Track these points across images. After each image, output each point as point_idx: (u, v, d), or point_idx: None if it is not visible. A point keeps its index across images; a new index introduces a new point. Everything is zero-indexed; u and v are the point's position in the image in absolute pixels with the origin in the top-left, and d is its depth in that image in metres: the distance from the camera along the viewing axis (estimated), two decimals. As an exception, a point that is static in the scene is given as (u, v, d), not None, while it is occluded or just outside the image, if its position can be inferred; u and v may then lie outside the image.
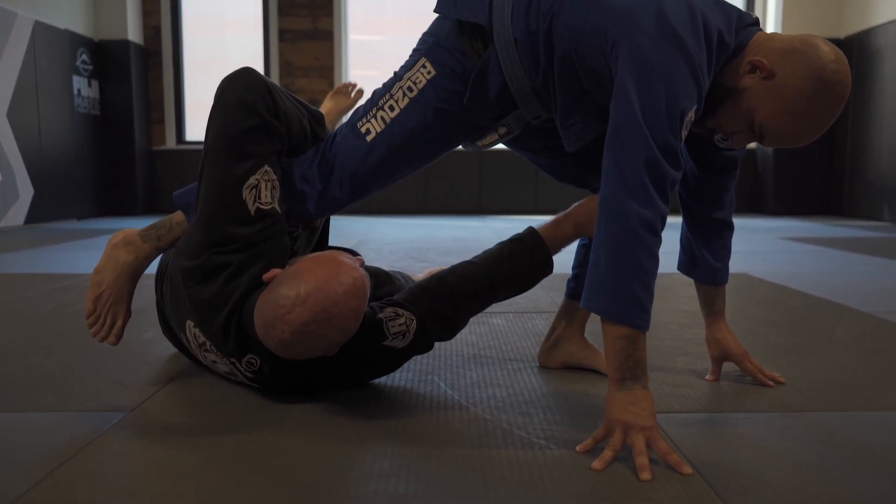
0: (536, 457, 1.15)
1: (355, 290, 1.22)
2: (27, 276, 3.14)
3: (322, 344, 1.23)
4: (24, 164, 5.91)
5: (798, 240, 4.74)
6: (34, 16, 6.06)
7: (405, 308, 1.40)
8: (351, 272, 1.24)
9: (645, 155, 1.15)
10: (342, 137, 1.47)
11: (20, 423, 1.31)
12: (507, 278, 1.46)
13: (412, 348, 1.42)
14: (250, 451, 1.16)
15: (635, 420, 1.13)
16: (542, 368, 1.66)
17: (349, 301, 1.21)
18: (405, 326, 1.38)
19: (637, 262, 1.16)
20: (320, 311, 1.19)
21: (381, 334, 1.38)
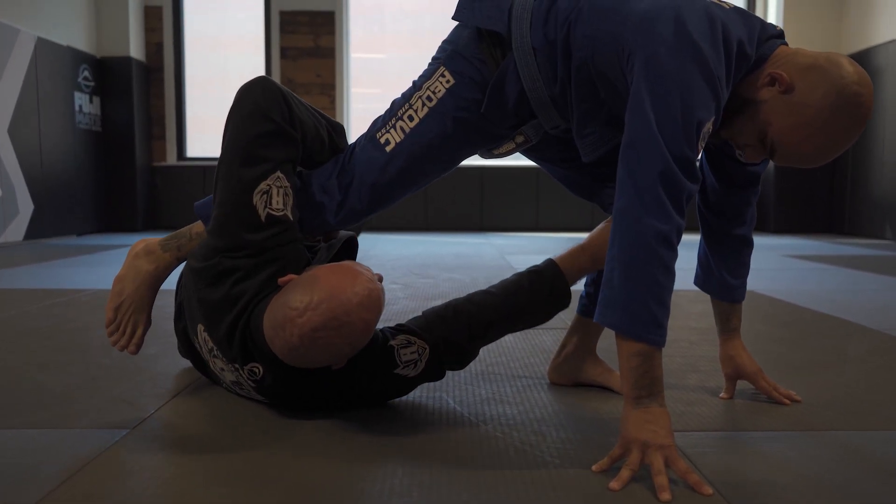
0: (551, 476, 1.11)
1: (369, 303, 1.20)
2: (27, 292, 3.11)
3: (329, 353, 1.20)
4: (25, 179, 5.89)
5: (801, 258, 4.72)
6: (36, 32, 6.07)
7: (419, 336, 1.37)
8: (367, 283, 1.21)
9: (660, 167, 1.13)
10: (361, 149, 1.46)
11: (20, 440, 1.27)
12: (523, 309, 1.43)
13: (423, 377, 1.40)
14: (257, 469, 1.13)
15: (653, 438, 1.10)
16: (552, 385, 1.63)
17: (361, 312, 1.19)
18: (417, 355, 1.36)
19: (652, 276, 1.13)
20: (331, 319, 1.16)
21: (391, 362, 1.35)
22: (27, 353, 1.94)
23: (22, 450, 1.23)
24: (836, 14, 7.06)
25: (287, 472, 1.12)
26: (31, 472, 1.12)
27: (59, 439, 1.27)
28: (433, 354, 1.37)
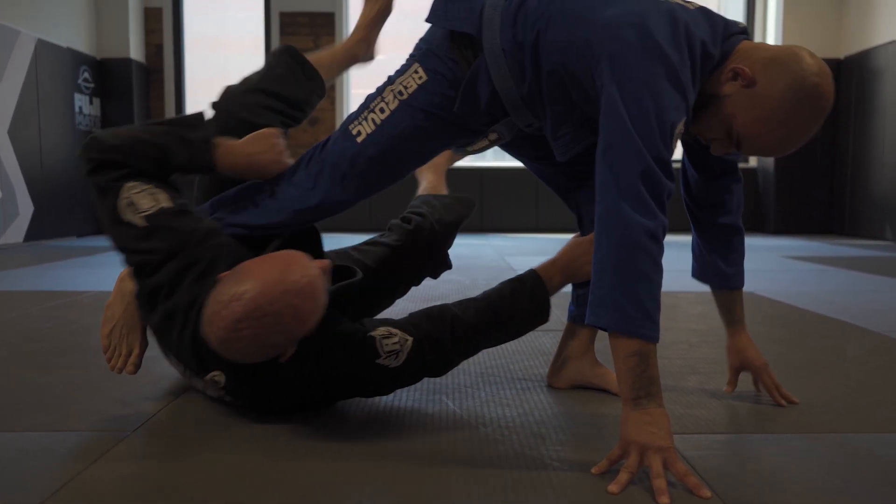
0: (551, 479, 1.12)
1: (297, 289, 1.16)
2: (28, 294, 3.11)
3: (259, 344, 1.16)
4: (25, 181, 5.89)
5: (801, 259, 4.72)
6: (37, 34, 6.07)
7: (401, 328, 1.37)
8: (299, 271, 1.19)
9: (641, 167, 1.15)
10: (333, 141, 1.47)
11: (21, 442, 1.27)
12: (506, 314, 1.46)
13: (406, 370, 1.36)
14: (256, 472, 1.13)
15: (652, 440, 1.10)
16: (551, 388, 1.64)
17: (289, 299, 1.15)
18: (399, 346, 1.34)
19: (641, 271, 1.14)
20: (254, 309, 1.13)
21: (373, 352, 1.33)
22: (28, 355, 1.94)
23: (23, 452, 1.23)
24: (835, 15, 7.06)
25: (287, 474, 1.13)
26: (32, 475, 1.12)
27: (60, 441, 1.28)
28: (415, 347, 1.35)
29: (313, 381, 1.34)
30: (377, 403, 1.50)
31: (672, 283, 3.45)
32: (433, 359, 1.39)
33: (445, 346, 1.39)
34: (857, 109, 6.78)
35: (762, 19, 7.41)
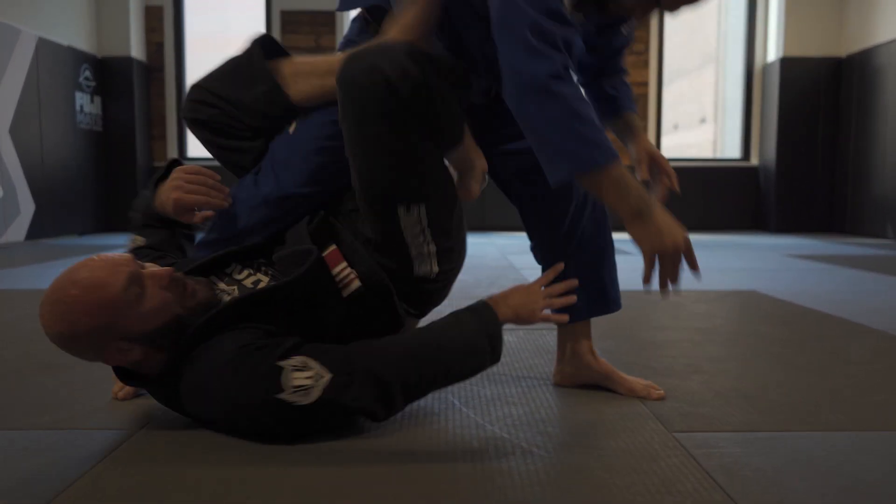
0: (559, 477, 1.11)
1: (75, 279, 1.19)
2: (30, 293, 3.11)
3: (59, 333, 1.21)
4: (26, 179, 5.89)
5: (803, 257, 4.72)
6: (38, 32, 6.07)
7: (321, 361, 1.21)
8: (93, 264, 1.21)
9: (527, 22, 1.18)
10: (278, 138, 1.51)
11: (26, 441, 1.27)
12: (457, 344, 1.30)
13: (319, 411, 1.19)
14: (265, 469, 1.13)
15: (674, 239, 1.23)
16: (556, 387, 1.63)
17: (68, 289, 1.19)
18: (312, 381, 1.18)
19: (569, 110, 1.18)
20: (49, 293, 1.21)
21: (274, 385, 1.17)
22: (31, 354, 1.94)
23: (29, 450, 1.23)
24: (837, 14, 7.05)
25: (294, 471, 1.12)
26: (40, 473, 1.12)
27: (67, 440, 1.27)
28: (333, 384, 1.19)
29: (209, 401, 1.25)
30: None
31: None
32: (367, 399, 1.22)
33: (381, 378, 1.22)
34: (858, 108, 6.77)
35: (763, 18, 7.41)
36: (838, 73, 7.05)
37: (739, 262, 4.36)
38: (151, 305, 1.22)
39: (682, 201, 7.75)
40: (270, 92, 1.46)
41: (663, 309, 2.65)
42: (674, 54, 7.80)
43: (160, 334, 1.25)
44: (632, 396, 1.54)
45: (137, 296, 1.21)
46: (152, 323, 1.23)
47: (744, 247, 5.59)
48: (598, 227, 1.59)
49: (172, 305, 1.25)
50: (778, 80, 7.09)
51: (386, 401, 1.24)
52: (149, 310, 1.22)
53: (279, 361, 1.19)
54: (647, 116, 7.58)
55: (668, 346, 2.04)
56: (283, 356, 1.20)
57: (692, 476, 1.11)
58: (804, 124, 7.13)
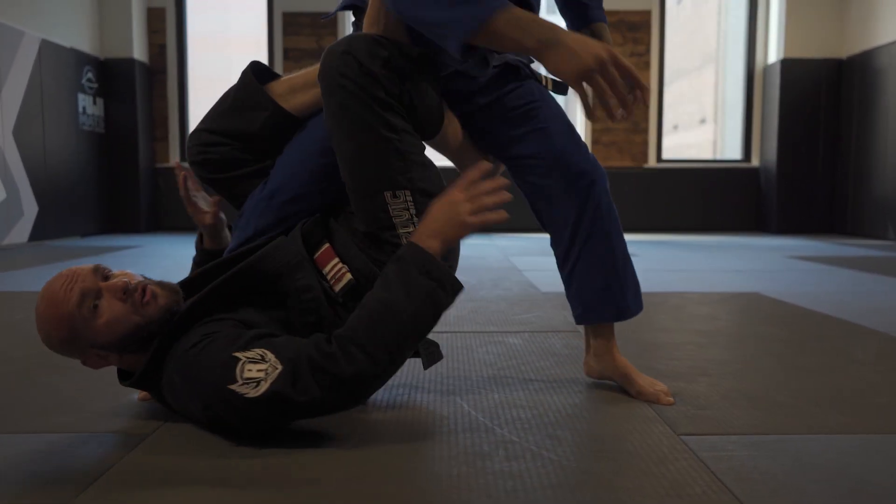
0: (569, 480, 1.13)
1: (42, 294, 1.33)
2: (35, 295, 3.11)
3: (43, 339, 1.35)
4: (29, 181, 5.91)
5: (805, 258, 4.74)
6: (41, 34, 6.09)
7: (278, 354, 1.20)
8: (54, 280, 1.33)
9: None
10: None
11: (43, 443, 1.29)
12: (402, 300, 1.25)
13: (261, 405, 1.18)
14: (279, 472, 1.14)
15: (596, 51, 1.22)
16: (563, 389, 1.65)
17: (38, 302, 1.34)
18: (263, 374, 1.18)
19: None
20: (36, 304, 1.35)
21: (229, 375, 1.19)
22: (40, 356, 1.94)
23: (45, 453, 1.24)
24: (838, 15, 7.07)
25: (308, 470, 1.13)
26: (60, 474, 1.14)
27: (83, 442, 1.29)
28: (283, 377, 1.17)
29: (179, 393, 1.28)
30: (391, 405, 1.51)
31: (677, 283, 3.48)
32: (315, 391, 1.18)
33: (338, 380, 1.18)
34: (859, 109, 6.79)
35: (764, 19, 7.42)
36: (839, 75, 7.07)
37: (741, 264, 4.38)
38: (107, 318, 1.30)
39: (683, 202, 7.80)
40: (273, 115, 1.53)
41: (666, 311, 2.66)
42: (673, 55, 7.81)
43: (126, 342, 1.32)
44: (642, 399, 1.55)
45: (91, 310, 1.29)
46: (115, 332, 1.30)
47: (745, 248, 5.61)
48: (608, 234, 1.58)
49: (129, 315, 1.31)
50: (779, 82, 7.11)
51: (340, 388, 1.19)
52: (105, 322, 1.30)
53: (237, 352, 1.21)
54: (649, 117, 7.59)
55: (672, 349, 2.06)
56: (242, 347, 1.22)
57: (701, 479, 1.12)
58: (805, 126, 7.14)
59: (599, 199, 1.55)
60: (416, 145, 1.43)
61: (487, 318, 2.56)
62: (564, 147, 1.55)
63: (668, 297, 3.03)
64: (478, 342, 2.14)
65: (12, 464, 1.20)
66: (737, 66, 8.10)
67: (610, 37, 1.63)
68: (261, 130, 1.53)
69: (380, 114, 1.35)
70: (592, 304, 1.59)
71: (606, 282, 1.58)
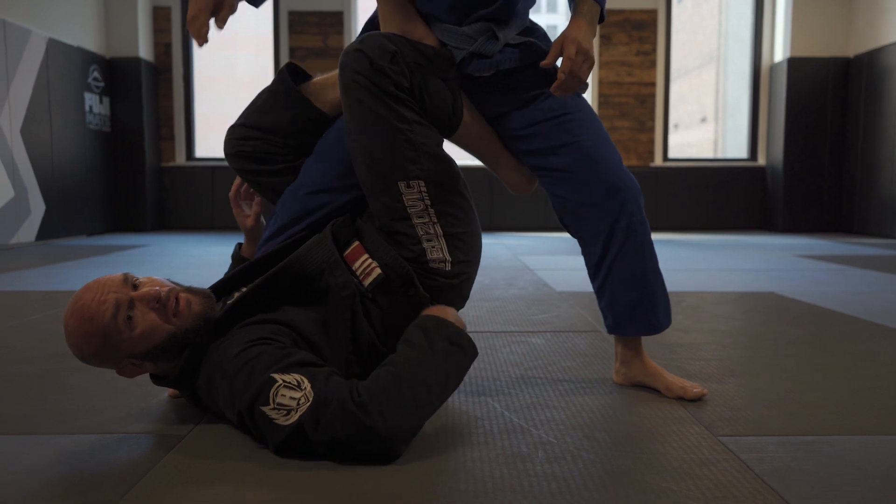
0: (613, 482, 1.12)
1: (73, 309, 1.28)
2: (47, 294, 3.11)
3: (76, 348, 1.30)
4: (37, 180, 5.90)
5: (815, 258, 4.73)
6: (48, 33, 6.07)
7: (314, 386, 1.17)
8: (83, 293, 1.28)
9: None
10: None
11: (77, 444, 1.28)
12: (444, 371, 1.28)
13: (292, 433, 1.16)
14: (319, 474, 1.14)
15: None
16: (594, 390, 1.64)
17: (69, 317, 1.29)
18: (296, 403, 1.16)
19: None
20: (63, 318, 1.30)
21: (263, 396, 1.18)
22: (61, 357, 1.94)
23: (84, 454, 1.24)
24: (845, 14, 7.06)
25: (347, 478, 1.13)
26: (100, 476, 1.13)
27: (118, 443, 1.28)
28: (311, 411, 1.15)
29: (216, 398, 1.29)
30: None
31: (693, 282, 3.48)
32: (338, 432, 1.14)
33: (364, 428, 1.14)
34: (866, 108, 6.78)
35: (770, 18, 7.42)
36: (846, 74, 7.06)
37: (751, 263, 4.37)
38: (142, 329, 1.29)
39: (689, 201, 7.79)
40: (303, 110, 1.58)
41: (684, 311, 2.65)
42: (674, 54, 7.80)
43: (161, 350, 1.31)
44: (669, 396, 1.56)
45: (126, 321, 1.27)
46: (149, 342, 1.30)
47: (753, 247, 5.60)
48: (639, 250, 1.57)
49: (164, 324, 1.30)
50: (785, 81, 7.10)
51: (366, 436, 1.14)
52: (140, 332, 1.29)
53: (275, 374, 1.19)
54: (655, 116, 7.59)
55: (697, 349, 2.05)
56: (283, 369, 1.20)
57: (746, 482, 1.12)
58: (812, 124, 7.14)
59: (631, 217, 1.54)
60: (431, 137, 1.46)
61: (506, 317, 2.55)
62: (597, 163, 1.53)
63: (684, 296, 3.03)
64: (501, 342, 2.14)
65: (53, 465, 1.20)
66: (738, 65, 8.11)
67: (585, 12, 1.48)
68: (291, 125, 1.58)
69: (392, 106, 1.40)
70: (623, 318, 1.60)
71: (637, 297, 1.57)
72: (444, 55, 1.47)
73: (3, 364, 1.89)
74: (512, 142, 1.61)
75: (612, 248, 1.56)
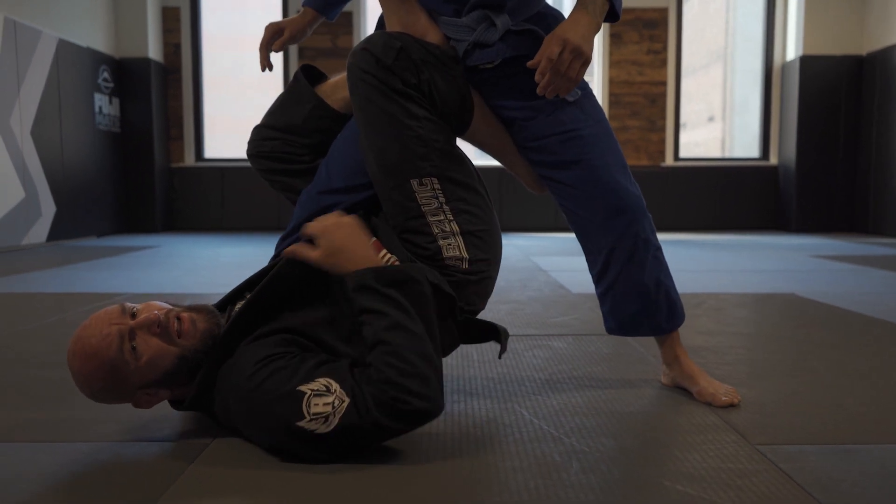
0: (653, 495, 1.09)
1: (75, 350, 1.23)
2: (60, 296, 3.10)
3: (83, 385, 1.25)
4: (47, 181, 5.90)
5: (831, 258, 4.68)
6: (58, 34, 6.07)
7: (343, 385, 1.16)
8: (83, 331, 1.23)
9: None
10: None
11: (100, 453, 1.26)
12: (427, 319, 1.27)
13: (335, 440, 1.15)
14: (342, 488, 1.11)
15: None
16: (621, 395, 1.61)
17: (72, 359, 1.23)
18: (331, 408, 1.14)
19: None
20: (67, 361, 1.25)
21: (296, 412, 1.14)
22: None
23: (108, 463, 1.21)
24: (858, 11, 7.00)
25: (379, 479, 1.10)
26: (126, 485, 1.11)
27: (143, 450, 1.26)
28: (349, 412, 1.14)
29: (238, 422, 1.25)
30: (450, 414, 1.47)
31: (712, 283, 3.44)
32: (384, 418, 1.15)
33: (400, 411, 1.15)
34: (879, 106, 6.72)
35: (782, 16, 7.36)
36: (859, 72, 7.00)
37: (767, 264, 4.33)
38: (148, 356, 1.24)
39: (700, 201, 7.75)
40: (317, 107, 1.59)
41: (705, 312, 2.62)
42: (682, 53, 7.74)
43: (172, 374, 1.26)
44: (700, 400, 1.54)
45: (132, 351, 1.22)
46: (159, 369, 1.25)
47: (767, 247, 5.56)
48: (642, 265, 1.55)
49: (168, 347, 1.25)
50: (797, 79, 7.05)
51: (406, 416, 1.16)
52: (147, 360, 1.24)
53: (301, 386, 1.16)
54: (666, 114, 7.54)
55: (723, 352, 2.02)
56: (305, 379, 1.17)
57: (790, 493, 1.09)
58: (825, 123, 7.08)
59: (636, 237, 1.53)
60: (442, 133, 1.44)
61: (525, 320, 2.52)
62: (604, 184, 1.51)
63: (705, 298, 2.99)
64: (523, 346, 2.11)
65: (76, 473, 1.17)
66: (746, 63, 8.05)
67: (580, 12, 1.40)
68: (305, 122, 1.59)
69: (400, 103, 1.39)
70: (625, 324, 1.62)
71: (640, 306, 1.58)
72: (449, 53, 1.45)
73: (19, 368, 1.87)
74: (521, 150, 1.59)
75: (614, 265, 1.56)
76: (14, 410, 1.52)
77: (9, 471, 1.19)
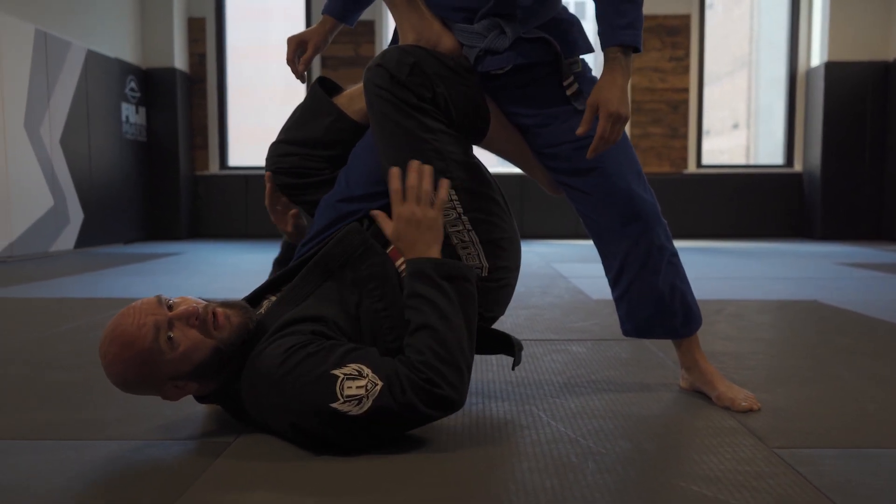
0: (669, 496, 1.09)
1: (113, 336, 1.24)
2: (88, 301, 3.16)
3: (114, 376, 1.27)
4: (75, 189, 6.01)
5: (856, 265, 4.62)
6: (87, 45, 6.20)
7: (374, 369, 1.21)
8: (119, 318, 1.25)
9: None
10: None
11: (127, 451, 1.29)
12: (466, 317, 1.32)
13: (369, 423, 1.20)
14: (364, 485, 1.13)
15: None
16: (639, 399, 1.61)
17: (107, 345, 1.25)
18: (364, 390, 1.19)
19: None
20: (100, 349, 1.26)
21: (329, 394, 1.19)
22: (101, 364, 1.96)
23: (135, 460, 1.24)
24: (884, 16, 6.93)
25: (391, 486, 1.12)
26: (152, 481, 1.13)
27: (167, 450, 1.28)
28: (383, 395, 1.18)
29: (268, 411, 1.27)
30: (468, 414, 1.49)
31: (730, 290, 3.42)
32: (417, 399, 1.20)
33: (436, 397, 1.21)
34: (906, 113, 6.64)
35: (807, 22, 7.30)
36: (886, 78, 6.92)
37: (791, 271, 4.29)
38: (185, 347, 1.26)
39: (724, 208, 7.68)
40: (336, 120, 1.58)
41: (726, 319, 2.61)
42: (705, 60, 7.70)
43: (205, 367, 1.28)
44: (718, 405, 1.54)
45: (168, 342, 1.24)
46: (193, 361, 1.27)
47: (791, 255, 5.50)
48: (656, 271, 1.57)
49: (205, 340, 1.27)
50: (823, 85, 6.98)
51: (441, 403, 1.22)
52: (183, 352, 1.26)
53: (334, 370, 1.20)
54: (688, 122, 7.51)
55: (743, 358, 2.01)
56: (338, 364, 1.21)
57: (807, 496, 1.08)
58: (850, 130, 7.00)
59: (650, 242, 1.55)
60: (458, 145, 1.46)
61: (545, 325, 2.53)
62: (619, 191, 1.53)
63: (725, 304, 2.97)
64: (542, 350, 2.11)
65: (102, 470, 1.21)
66: (770, 70, 7.99)
67: (614, 63, 1.42)
68: (325, 135, 1.58)
69: (416, 118, 1.41)
70: (641, 327, 1.63)
71: (654, 310, 1.60)
72: (464, 64, 1.47)
73: (48, 371, 1.92)
74: (536, 156, 1.61)
75: (629, 270, 1.58)
76: (41, 411, 1.56)
77: (37, 468, 1.22)
